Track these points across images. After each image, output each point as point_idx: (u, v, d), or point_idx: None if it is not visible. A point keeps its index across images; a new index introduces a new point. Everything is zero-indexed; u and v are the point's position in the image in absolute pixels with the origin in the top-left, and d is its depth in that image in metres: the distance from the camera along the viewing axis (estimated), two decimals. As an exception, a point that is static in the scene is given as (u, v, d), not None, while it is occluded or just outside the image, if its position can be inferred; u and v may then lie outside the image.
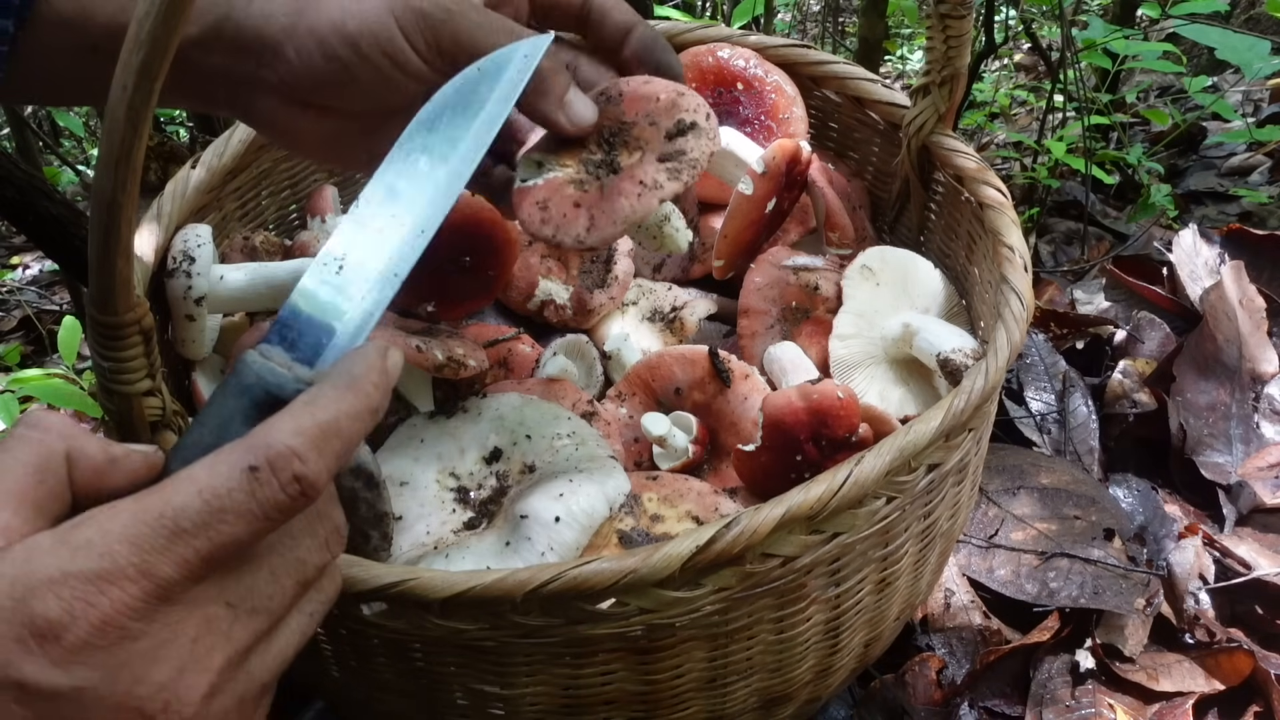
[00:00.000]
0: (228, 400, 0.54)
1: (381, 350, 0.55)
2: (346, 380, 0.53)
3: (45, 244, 1.43)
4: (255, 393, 0.54)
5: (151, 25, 0.49)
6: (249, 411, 0.54)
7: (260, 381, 0.54)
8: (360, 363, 0.54)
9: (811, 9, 4.74)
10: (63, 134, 3.77)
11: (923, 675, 1.04)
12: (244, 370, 0.55)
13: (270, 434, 0.49)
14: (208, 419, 0.54)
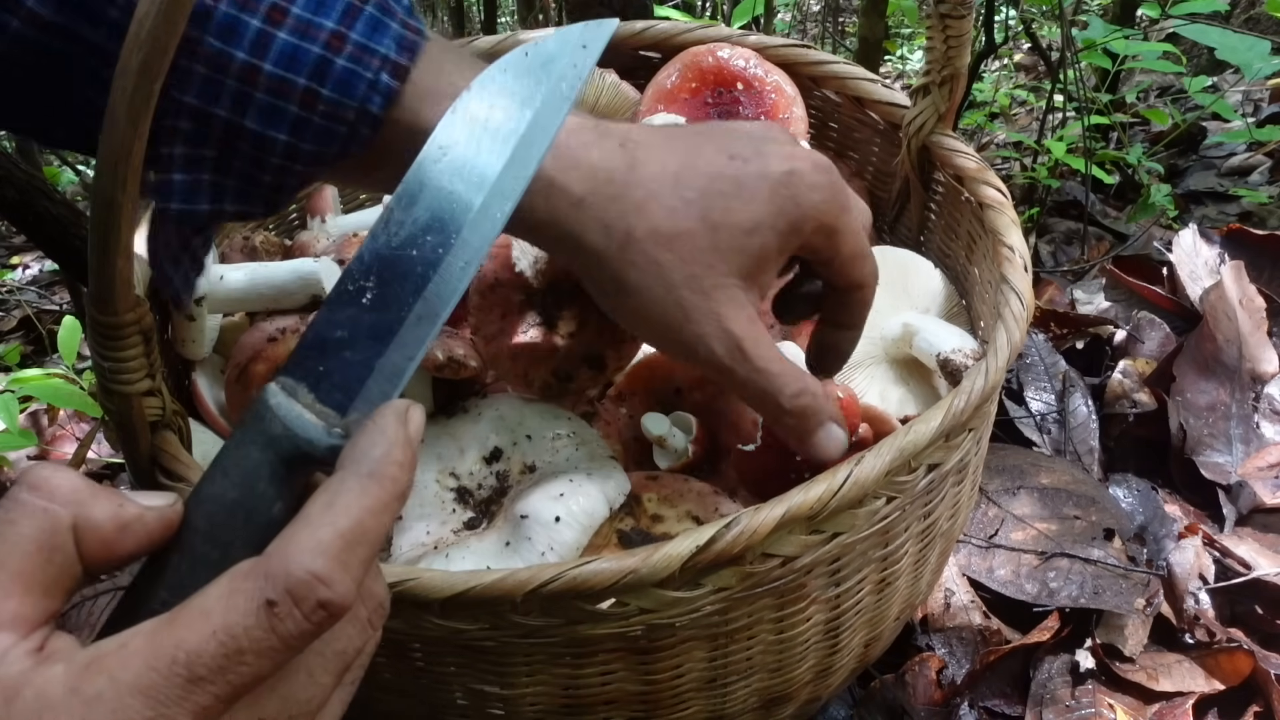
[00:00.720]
0: (252, 450, 0.50)
1: (402, 415, 0.50)
2: (368, 468, 0.47)
3: (45, 244, 1.43)
4: (284, 446, 0.50)
5: (151, 25, 0.49)
6: (276, 467, 0.50)
7: (289, 434, 0.50)
8: (381, 441, 0.48)
9: (811, 9, 4.74)
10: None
11: (923, 675, 1.04)
12: (269, 417, 0.50)
13: (289, 557, 0.44)
14: (231, 469, 0.50)
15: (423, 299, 0.54)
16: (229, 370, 1.03)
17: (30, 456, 1.54)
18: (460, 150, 0.57)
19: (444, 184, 0.56)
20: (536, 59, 0.59)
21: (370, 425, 0.50)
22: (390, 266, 0.54)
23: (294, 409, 0.51)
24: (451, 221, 0.55)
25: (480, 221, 0.56)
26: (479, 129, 0.57)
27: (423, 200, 0.56)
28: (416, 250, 0.55)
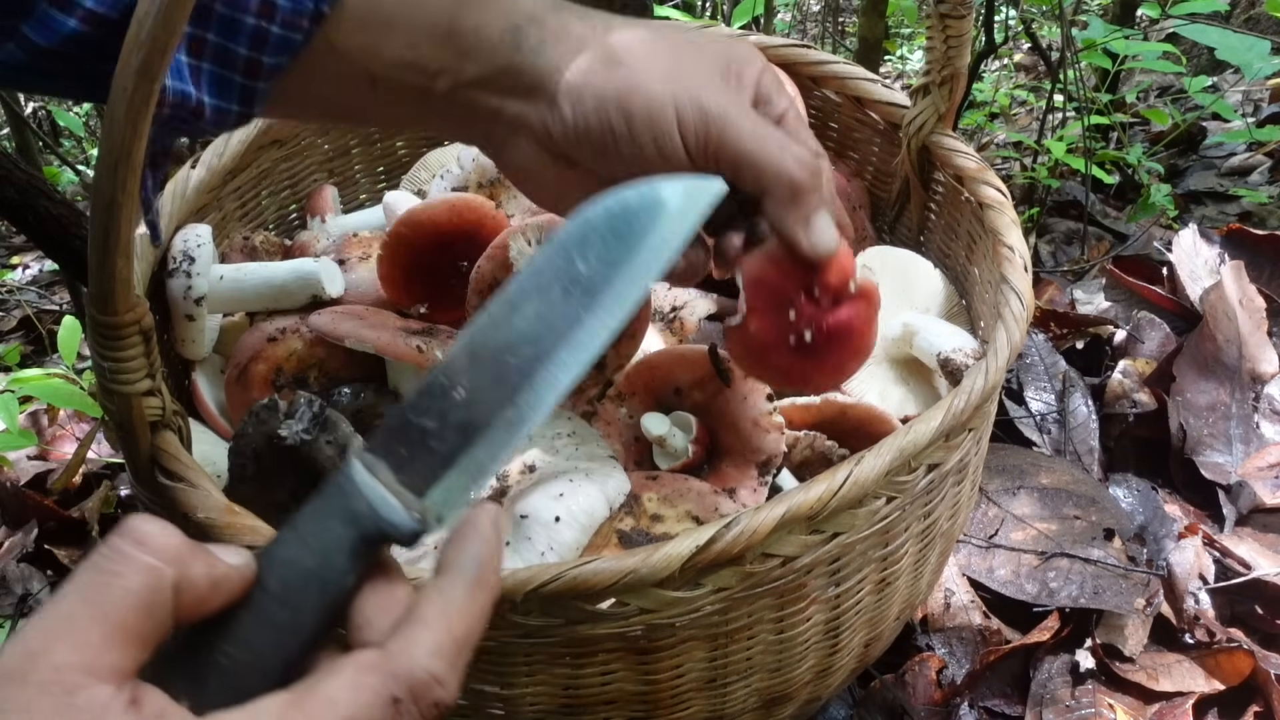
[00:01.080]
0: (334, 524, 0.51)
1: (495, 520, 0.53)
2: (475, 574, 0.51)
3: (45, 244, 1.43)
4: (366, 525, 0.51)
5: (151, 25, 0.49)
6: (356, 543, 0.51)
7: (373, 514, 0.51)
8: (482, 548, 0.52)
9: (811, 9, 4.74)
10: (63, 134, 3.77)
11: (923, 675, 1.04)
12: (354, 494, 0.52)
13: (413, 658, 0.47)
14: (309, 538, 0.51)
15: (514, 405, 0.55)
16: (229, 370, 1.03)
17: (30, 456, 1.54)
18: (568, 270, 0.58)
19: (551, 296, 0.57)
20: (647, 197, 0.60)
21: (470, 529, 0.52)
22: (486, 368, 0.55)
23: (379, 490, 0.52)
24: (550, 335, 0.56)
25: (580, 342, 0.57)
26: (593, 255, 0.58)
27: (526, 308, 0.56)
28: (513, 358, 0.56)
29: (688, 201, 0.61)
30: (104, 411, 0.71)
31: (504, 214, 1.05)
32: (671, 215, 0.60)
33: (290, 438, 0.82)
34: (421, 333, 0.99)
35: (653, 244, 0.59)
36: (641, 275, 0.58)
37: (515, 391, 0.55)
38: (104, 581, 0.45)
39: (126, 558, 0.46)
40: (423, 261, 1.02)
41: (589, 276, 0.57)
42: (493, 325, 0.56)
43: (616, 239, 0.58)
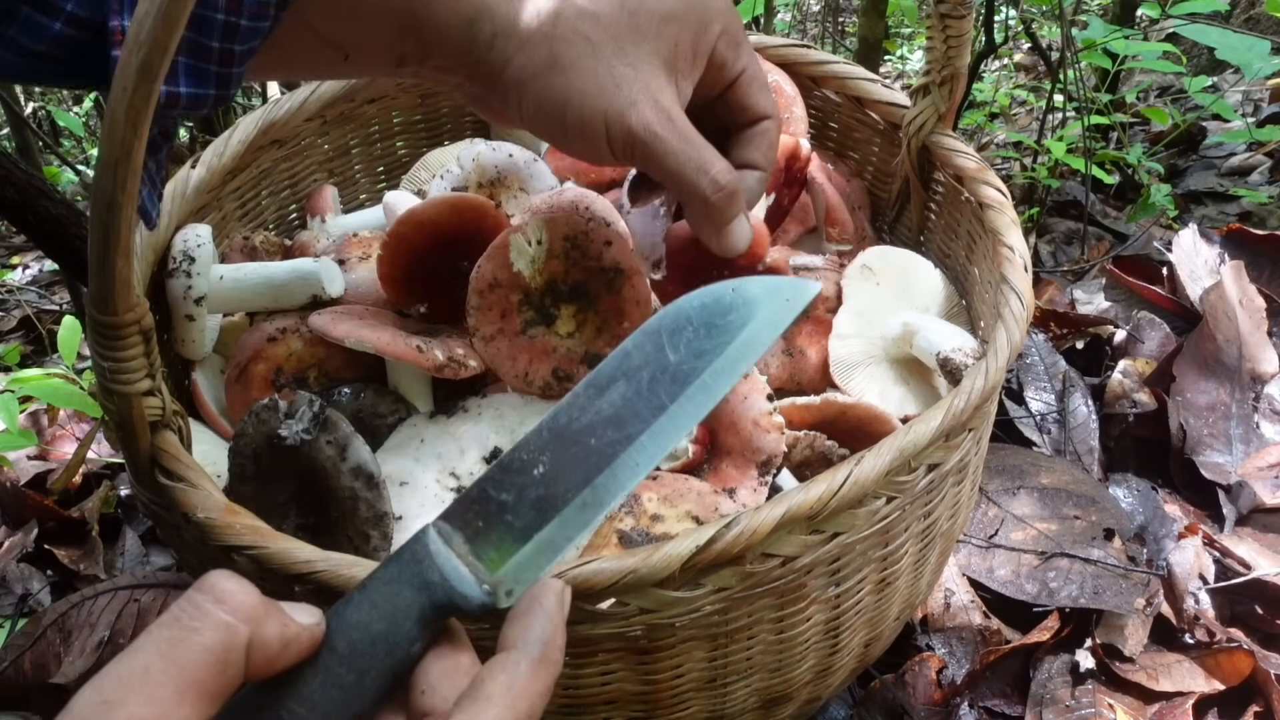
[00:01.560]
0: (405, 590, 0.52)
1: (560, 597, 0.54)
2: (539, 652, 0.51)
3: (45, 244, 1.43)
4: (438, 595, 0.52)
5: (151, 25, 0.49)
6: (426, 610, 0.52)
7: (445, 584, 0.52)
8: (547, 625, 0.52)
9: (811, 9, 4.74)
10: (63, 134, 3.77)
11: (923, 675, 1.04)
12: (428, 562, 0.53)
13: None
14: (380, 603, 0.52)
15: (591, 487, 0.56)
16: (229, 370, 1.03)
17: (30, 456, 1.54)
18: (657, 358, 0.59)
19: (636, 384, 0.58)
20: (742, 295, 0.61)
21: (536, 605, 0.53)
22: (566, 447, 0.57)
23: (452, 561, 0.53)
24: (634, 421, 0.57)
25: (663, 430, 0.57)
26: (684, 344, 0.59)
27: (611, 394, 0.58)
28: (595, 440, 0.57)
29: (782, 305, 0.61)
30: (104, 411, 0.71)
31: (504, 214, 1.05)
32: (764, 316, 0.60)
33: (290, 438, 0.82)
34: (421, 333, 1.00)
35: (744, 341, 0.59)
36: (730, 370, 0.59)
37: (595, 473, 0.56)
38: (180, 636, 0.46)
39: (204, 614, 0.46)
40: (423, 261, 1.02)
41: (678, 366, 0.58)
42: (578, 405, 0.57)
43: (709, 332, 0.59)
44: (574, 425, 0.57)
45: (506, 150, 1.18)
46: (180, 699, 0.45)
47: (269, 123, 1.15)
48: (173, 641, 0.45)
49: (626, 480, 0.56)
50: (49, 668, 1.10)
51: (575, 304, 0.99)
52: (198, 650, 0.45)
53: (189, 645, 0.45)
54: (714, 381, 0.59)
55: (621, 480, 0.56)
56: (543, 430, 0.57)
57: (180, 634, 0.46)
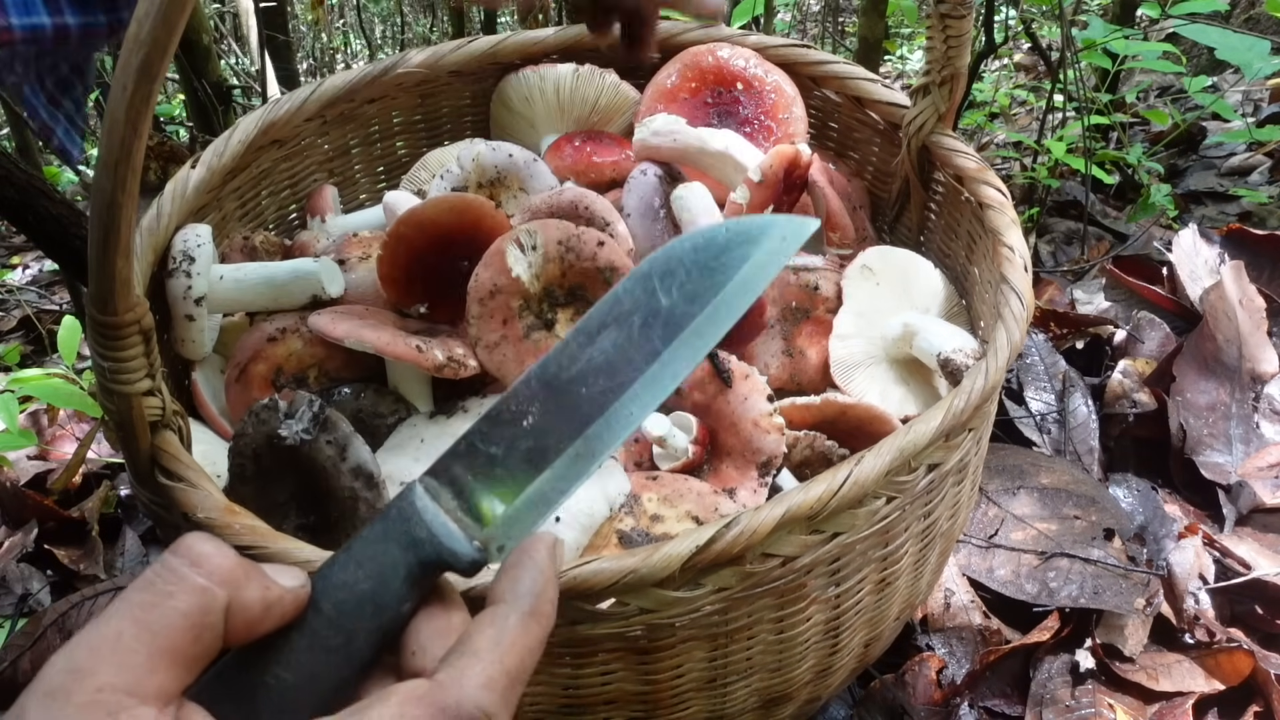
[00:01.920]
0: (393, 548, 0.50)
1: (552, 549, 0.52)
2: (529, 605, 0.49)
3: (45, 244, 1.43)
4: (426, 552, 0.50)
5: (151, 25, 0.49)
6: (414, 569, 0.50)
7: (434, 541, 0.50)
8: (538, 577, 0.50)
9: (811, 9, 4.74)
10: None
11: (923, 675, 1.04)
12: (415, 519, 0.51)
13: (462, 689, 0.46)
14: (366, 562, 0.50)
15: (583, 438, 0.54)
16: (229, 370, 1.03)
17: (30, 456, 1.54)
18: (648, 302, 0.56)
19: (628, 330, 0.55)
20: (737, 235, 0.58)
21: (526, 558, 0.51)
22: (556, 397, 0.54)
23: (440, 518, 0.51)
24: (626, 368, 0.54)
25: (656, 377, 0.55)
26: (676, 288, 0.56)
27: (602, 340, 0.55)
28: (586, 389, 0.54)
29: (779, 244, 0.58)
30: (104, 411, 0.71)
31: (504, 214, 1.05)
32: (761, 255, 0.57)
33: (290, 438, 0.82)
34: (421, 333, 0.99)
35: (739, 281, 0.57)
36: (725, 313, 0.56)
37: (587, 423, 0.54)
38: (154, 601, 0.44)
39: (179, 577, 0.45)
40: (423, 261, 1.02)
41: (670, 310, 0.56)
42: (568, 354, 0.55)
43: (702, 274, 0.56)
44: (564, 374, 0.54)
45: (506, 150, 1.18)
46: (154, 666, 0.43)
47: (269, 123, 1.15)
48: (146, 606, 0.44)
49: (620, 430, 0.54)
50: (49, 668, 1.09)
51: (573, 307, 0.99)
52: (172, 615, 0.44)
53: (163, 610, 0.44)
54: (708, 326, 0.56)
55: (615, 430, 0.54)
56: (531, 380, 0.55)
57: (154, 599, 0.44)
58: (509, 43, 1.27)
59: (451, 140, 1.35)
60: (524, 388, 0.54)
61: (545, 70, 1.26)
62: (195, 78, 2.25)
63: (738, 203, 1.05)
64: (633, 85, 1.28)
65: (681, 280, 0.56)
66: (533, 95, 1.28)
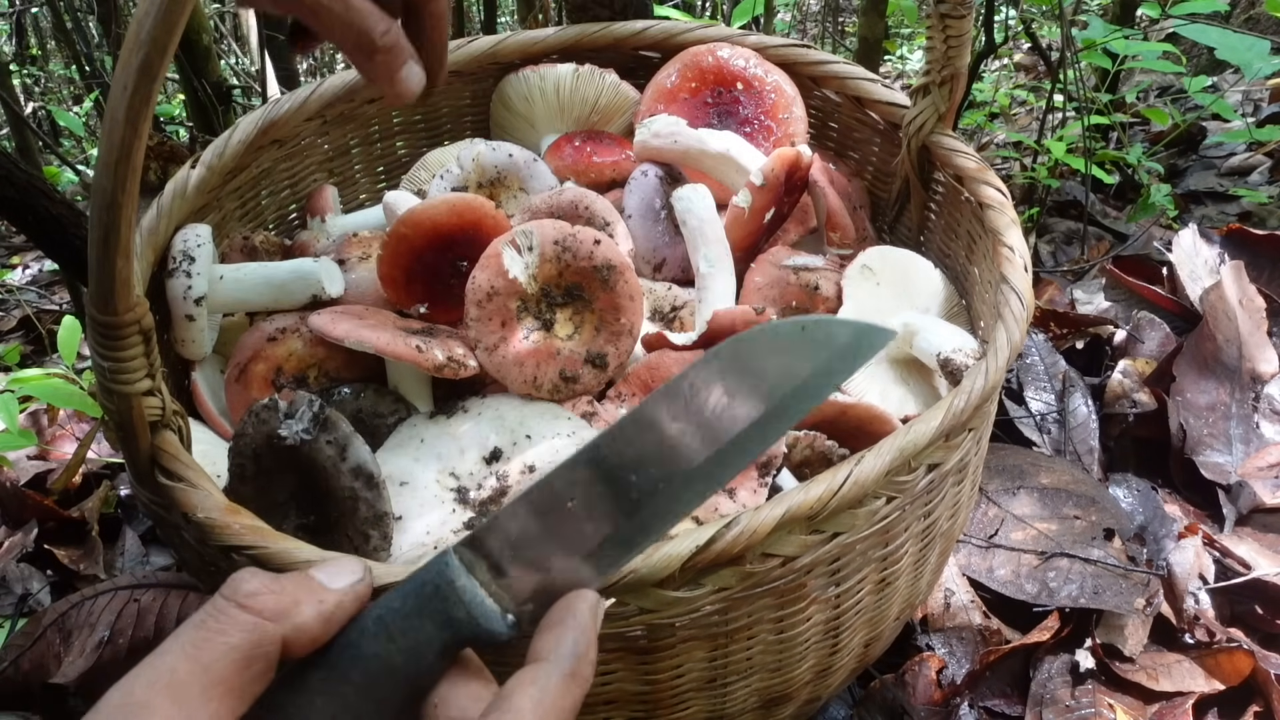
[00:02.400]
0: (428, 625, 0.51)
1: (594, 609, 0.52)
2: (570, 666, 0.49)
3: (45, 244, 1.43)
4: (463, 630, 0.51)
5: (151, 25, 0.49)
6: (450, 645, 0.51)
7: (471, 622, 0.51)
8: (580, 638, 0.51)
9: (811, 9, 4.74)
10: (63, 134, 3.77)
11: (923, 675, 1.04)
12: (453, 598, 0.51)
13: None
14: (399, 636, 0.50)
15: (627, 525, 0.53)
16: (229, 370, 1.03)
17: (30, 456, 1.54)
18: (711, 396, 0.54)
19: (694, 413, 0.54)
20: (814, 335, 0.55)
21: (570, 617, 0.51)
22: (603, 481, 0.53)
23: (479, 596, 0.51)
24: (678, 461, 0.54)
25: (707, 473, 0.54)
26: (739, 380, 0.54)
27: (662, 427, 0.54)
28: (636, 476, 0.53)
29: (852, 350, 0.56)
30: (104, 411, 0.71)
31: (504, 214, 1.05)
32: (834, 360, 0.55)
33: (290, 438, 0.82)
34: (421, 333, 0.99)
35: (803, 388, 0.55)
36: (783, 418, 0.55)
37: (632, 511, 0.53)
38: (206, 638, 0.47)
39: (230, 617, 0.47)
40: (423, 261, 1.02)
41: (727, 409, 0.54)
42: (621, 439, 0.54)
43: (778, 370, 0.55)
44: (615, 459, 0.54)
45: (506, 150, 1.18)
46: (208, 698, 0.45)
47: (269, 123, 1.15)
48: (198, 643, 0.46)
49: (663, 523, 0.54)
50: (49, 668, 1.09)
51: (571, 306, 0.99)
52: (223, 650, 0.46)
53: (214, 645, 0.46)
54: (765, 430, 0.54)
55: (657, 521, 0.54)
56: (580, 459, 0.54)
57: (206, 635, 0.47)
58: (509, 43, 1.27)
59: (451, 140, 1.35)
60: (570, 467, 0.54)
61: (545, 70, 1.26)
62: (195, 78, 2.25)
63: (739, 206, 1.05)
64: (632, 85, 1.28)
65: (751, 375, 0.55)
66: (533, 95, 1.28)
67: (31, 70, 4.16)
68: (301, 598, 0.49)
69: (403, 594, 0.51)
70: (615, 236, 1.10)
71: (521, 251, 0.97)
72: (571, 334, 0.99)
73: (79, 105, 3.83)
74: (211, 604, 0.48)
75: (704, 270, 1.04)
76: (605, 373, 0.98)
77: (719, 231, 1.04)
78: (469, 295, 0.96)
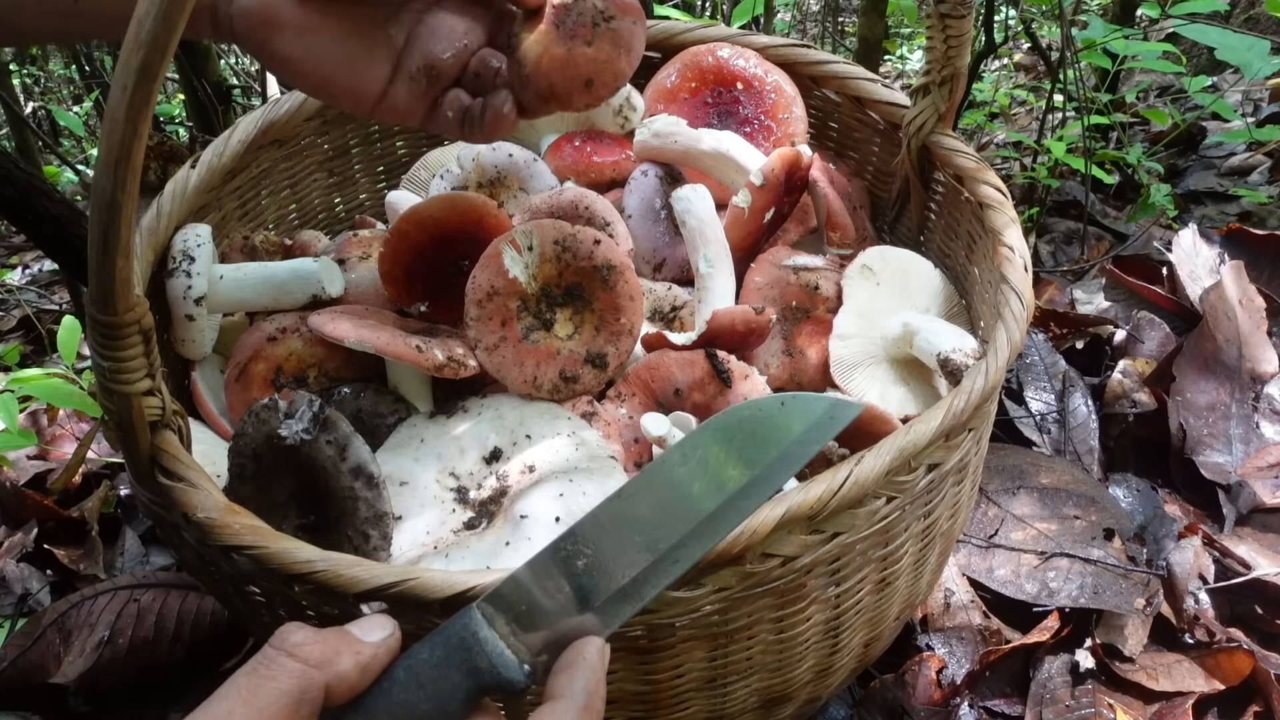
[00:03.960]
0: (453, 674, 0.56)
1: (603, 652, 0.58)
2: (584, 701, 0.55)
3: (45, 244, 1.43)
4: (485, 679, 0.56)
5: (151, 25, 0.49)
6: (473, 692, 0.56)
7: (492, 671, 0.56)
8: (591, 677, 0.56)
9: (811, 9, 4.74)
10: (63, 134, 3.77)
11: (923, 675, 1.04)
12: (476, 649, 0.56)
13: None
14: (427, 684, 0.55)
15: (632, 580, 0.60)
16: (229, 370, 1.03)
17: (30, 456, 1.54)
18: (706, 462, 0.63)
19: (683, 488, 0.62)
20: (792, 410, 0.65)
21: (580, 659, 0.57)
22: (611, 542, 0.60)
23: (499, 647, 0.57)
24: (677, 523, 0.61)
25: (701, 534, 0.61)
26: (733, 447, 0.63)
27: (654, 492, 0.62)
28: (641, 536, 0.61)
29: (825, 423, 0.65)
30: (104, 411, 0.71)
31: (505, 212, 1.05)
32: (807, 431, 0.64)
33: (290, 438, 0.82)
34: (421, 332, 0.99)
35: (788, 453, 0.64)
36: (768, 483, 0.63)
37: (635, 568, 0.60)
38: (258, 683, 0.52)
39: (279, 665, 0.53)
40: (424, 258, 1.02)
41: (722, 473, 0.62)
42: (627, 500, 0.61)
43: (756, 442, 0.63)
44: (620, 521, 0.61)
45: (506, 150, 1.18)
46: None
47: (269, 123, 1.15)
48: (252, 688, 0.52)
49: (665, 578, 0.60)
50: (49, 668, 1.09)
51: (570, 306, 0.99)
52: (275, 694, 0.51)
53: (267, 690, 0.51)
54: (756, 489, 0.62)
55: (660, 576, 0.60)
56: (588, 522, 0.61)
57: (258, 681, 0.52)
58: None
59: (451, 140, 1.35)
60: (582, 528, 0.61)
61: (545, 70, 1.26)
62: (195, 78, 2.25)
63: (739, 205, 1.05)
64: (632, 85, 1.28)
65: (738, 448, 0.63)
66: (533, 95, 1.28)
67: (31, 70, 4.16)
68: (341, 648, 0.54)
69: (431, 645, 0.57)
70: (615, 236, 1.10)
71: (521, 251, 0.97)
72: (571, 334, 0.99)
73: (79, 105, 3.83)
74: (262, 653, 0.53)
75: (703, 270, 1.04)
76: (605, 373, 0.98)
77: (718, 231, 1.04)
78: (469, 295, 0.96)
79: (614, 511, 0.61)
